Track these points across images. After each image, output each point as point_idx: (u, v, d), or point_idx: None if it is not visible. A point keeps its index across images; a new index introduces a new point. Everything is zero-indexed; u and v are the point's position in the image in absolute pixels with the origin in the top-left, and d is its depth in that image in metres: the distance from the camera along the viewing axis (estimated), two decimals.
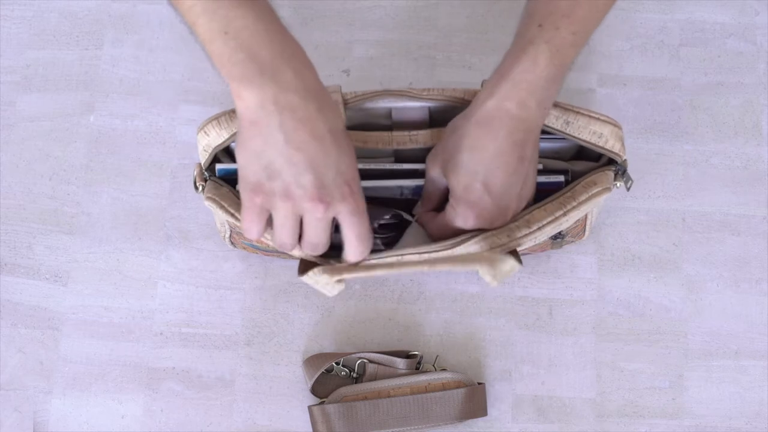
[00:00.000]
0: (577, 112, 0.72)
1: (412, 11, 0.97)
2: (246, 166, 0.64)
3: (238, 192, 0.72)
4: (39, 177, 0.92)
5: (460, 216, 0.69)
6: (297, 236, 0.66)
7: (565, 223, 0.73)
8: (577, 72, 0.95)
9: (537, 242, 0.73)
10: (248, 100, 0.61)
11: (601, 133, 0.73)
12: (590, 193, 0.73)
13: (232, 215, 0.72)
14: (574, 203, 0.72)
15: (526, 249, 0.78)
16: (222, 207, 0.72)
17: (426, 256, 0.70)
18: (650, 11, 0.97)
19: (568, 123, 0.72)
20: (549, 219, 0.72)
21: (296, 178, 0.62)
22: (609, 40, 0.96)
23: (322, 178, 0.62)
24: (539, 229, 0.71)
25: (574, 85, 0.94)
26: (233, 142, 0.73)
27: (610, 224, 0.90)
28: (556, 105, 0.72)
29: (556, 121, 0.72)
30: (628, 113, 0.94)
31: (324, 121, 0.62)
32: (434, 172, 0.72)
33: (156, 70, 0.95)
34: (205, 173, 0.74)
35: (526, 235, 0.71)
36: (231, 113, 0.72)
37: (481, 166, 0.67)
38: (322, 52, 0.96)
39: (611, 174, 0.74)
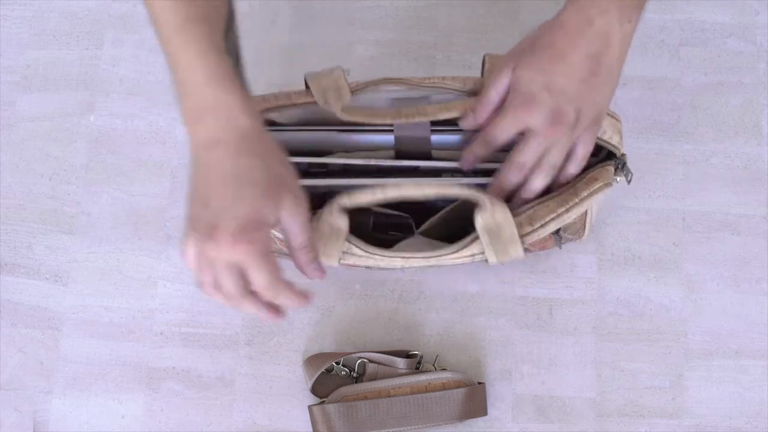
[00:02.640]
0: None
1: (412, 11, 0.97)
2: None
3: None
4: (39, 177, 0.92)
5: (513, 108, 0.67)
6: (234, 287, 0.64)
7: (567, 219, 0.73)
8: None
9: (539, 238, 0.74)
10: (190, 137, 0.64)
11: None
12: (592, 189, 0.73)
13: None
14: (576, 199, 0.73)
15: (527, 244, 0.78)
16: None
17: (433, 261, 0.71)
18: (650, 11, 0.97)
19: None
20: (552, 216, 0.72)
21: (198, 217, 0.63)
22: None
23: (218, 220, 0.62)
24: (542, 226, 0.72)
25: None
26: None
27: (610, 224, 0.90)
28: None
29: None
30: (628, 113, 0.94)
31: (232, 166, 0.62)
32: (505, 70, 0.69)
33: (156, 70, 0.95)
34: None
35: (529, 233, 0.71)
36: None
37: (549, 66, 0.66)
38: (322, 52, 0.96)
39: (611, 169, 0.74)
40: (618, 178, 0.75)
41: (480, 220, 0.70)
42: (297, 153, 0.77)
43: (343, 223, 0.71)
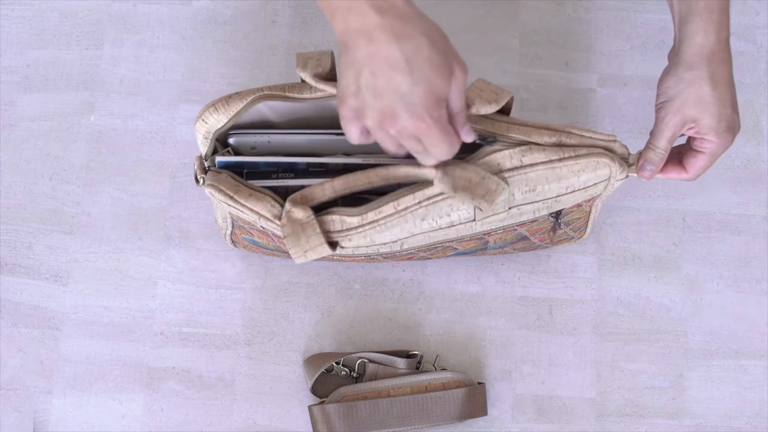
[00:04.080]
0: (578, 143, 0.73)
1: None
2: (340, 79, 0.66)
3: (237, 176, 0.73)
4: (39, 177, 0.92)
5: (722, 143, 0.73)
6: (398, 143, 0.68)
7: (557, 176, 0.72)
8: (578, 72, 0.95)
9: (536, 214, 0.72)
10: (337, 26, 0.64)
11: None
12: (590, 149, 0.72)
13: (231, 197, 0.72)
14: (572, 153, 0.72)
15: (525, 230, 0.78)
16: (220, 191, 0.72)
17: (425, 202, 0.70)
18: (650, 11, 0.97)
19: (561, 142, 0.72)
20: (543, 160, 0.71)
21: (371, 101, 0.64)
22: (609, 40, 0.96)
23: (393, 107, 0.64)
24: (531, 165, 0.71)
25: (575, 84, 0.94)
26: (232, 132, 0.74)
27: (610, 224, 0.90)
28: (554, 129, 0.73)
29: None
30: (629, 113, 0.94)
31: (400, 50, 0.63)
32: (674, 120, 0.73)
33: (156, 70, 0.95)
34: (205, 164, 0.74)
35: (515, 167, 0.71)
36: (227, 98, 0.72)
37: (728, 94, 0.73)
38: None
39: (619, 148, 0.74)
40: (620, 177, 0.74)
41: (441, 186, 0.69)
42: (295, 153, 0.76)
43: (304, 213, 0.70)
